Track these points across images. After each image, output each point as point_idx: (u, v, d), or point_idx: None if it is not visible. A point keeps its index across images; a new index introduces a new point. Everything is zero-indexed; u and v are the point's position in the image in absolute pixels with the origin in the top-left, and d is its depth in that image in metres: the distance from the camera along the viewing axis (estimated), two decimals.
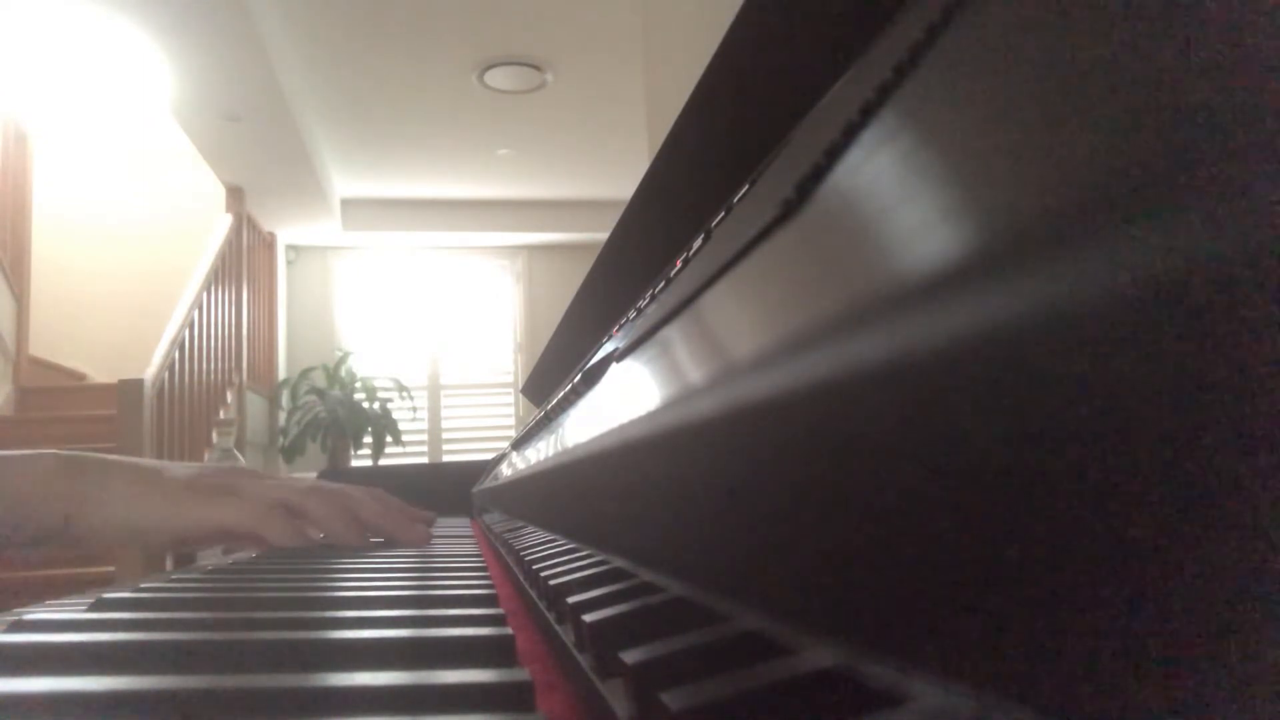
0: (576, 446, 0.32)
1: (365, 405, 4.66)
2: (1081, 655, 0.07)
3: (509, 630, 0.26)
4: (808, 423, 0.12)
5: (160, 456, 3.15)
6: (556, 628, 0.25)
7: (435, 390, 5.34)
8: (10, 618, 0.30)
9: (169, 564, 2.10)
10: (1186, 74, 0.08)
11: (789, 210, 0.20)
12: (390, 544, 0.66)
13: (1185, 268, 0.06)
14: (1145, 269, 0.06)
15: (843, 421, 0.11)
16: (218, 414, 3.77)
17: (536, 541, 0.46)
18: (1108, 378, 0.07)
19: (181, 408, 3.43)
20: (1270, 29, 0.07)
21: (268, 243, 4.79)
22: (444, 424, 5.34)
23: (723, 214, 0.35)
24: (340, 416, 4.51)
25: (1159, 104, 0.08)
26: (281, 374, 4.89)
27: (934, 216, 0.11)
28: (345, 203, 4.90)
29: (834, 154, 0.19)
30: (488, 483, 1.07)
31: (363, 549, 0.63)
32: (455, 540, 0.75)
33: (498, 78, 3.67)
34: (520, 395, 4.88)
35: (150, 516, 0.58)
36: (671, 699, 0.13)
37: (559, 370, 1.03)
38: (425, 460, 5.09)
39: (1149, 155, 0.07)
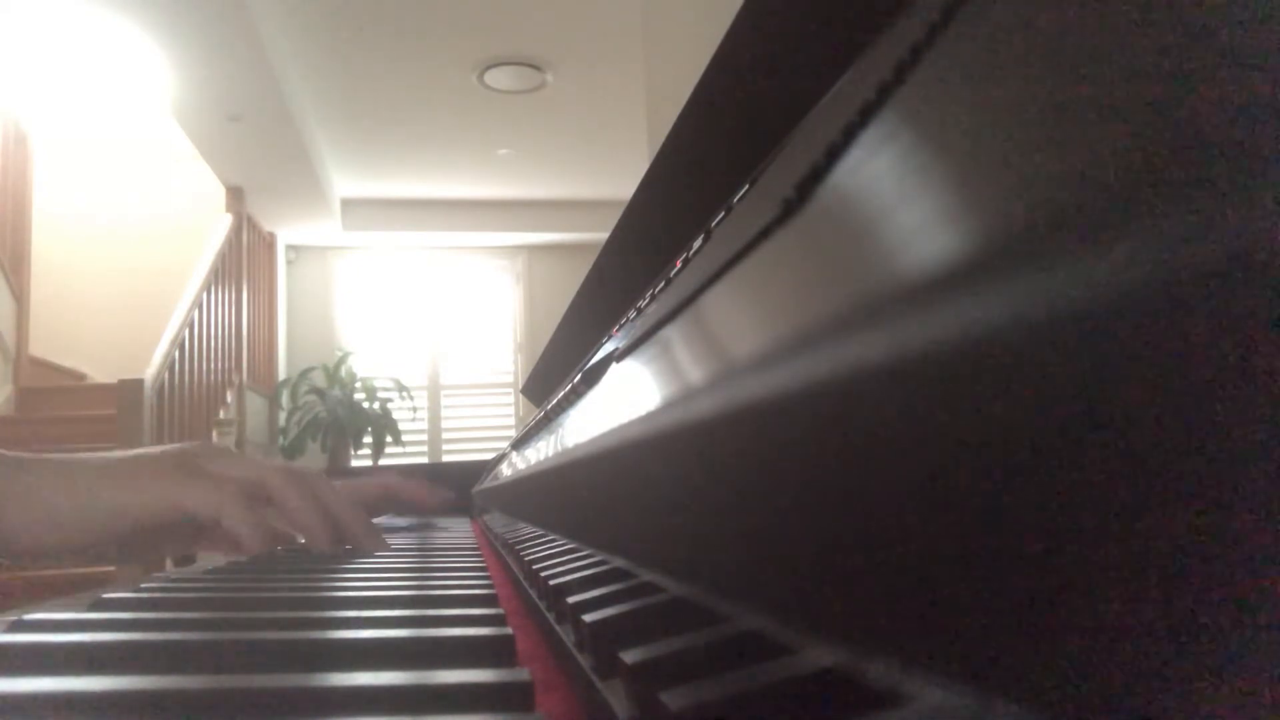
0: (576, 446, 0.32)
1: (365, 405, 4.66)
2: (1081, 655, 0.07)
3: (509, 630, 0.26)
4: (808, 422, 0.12)
5: None
6: (556, 628, 0.25)
7: (435, 390, 5.34)
8: (10, 618, 0.30)
9: (168, 564, 2.10)
10: (1186, 74, 0.08)
11: (789, 210, 0.20)
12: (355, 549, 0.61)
13: (1186, 267, 0.06)
14: (1145, 268, 0.06)
15: (843, 421, 0.11)
16: (218, 414, 3.77)
17: (536, 541, 0.46)
18: (1108, 377, 0.07)
19: (181, 408, 3.43)
20: (1269, 29, 0.07)
21: (268, 243, 4.79)
22: (444, 424, 5.34)
23: (723, 214, 0.35)
24: (340, 416, 4.51)
25: (1158, 104, 0.08)
26: (281, 374, 4.89)
27: (934, 216, 0.11)
28: (345, 203, 4.90)
29: (834, 154, 0.19)
30: (488, 483, 1.07)
31: (332, 553, 0.57)
32: (455, 540, 0.75)
33: (498, 78, 3.67)
34: (520, 395, 4.89)
35: (84, 504, 0.49)
36: (671, 699, 0.13)
37: (559, 370, 1.03)
38: (425, 460, 5.09)
39: (1148, 155, 0.07)
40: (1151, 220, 0.07)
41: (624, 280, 0.64)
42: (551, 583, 0.28)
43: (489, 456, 1.74)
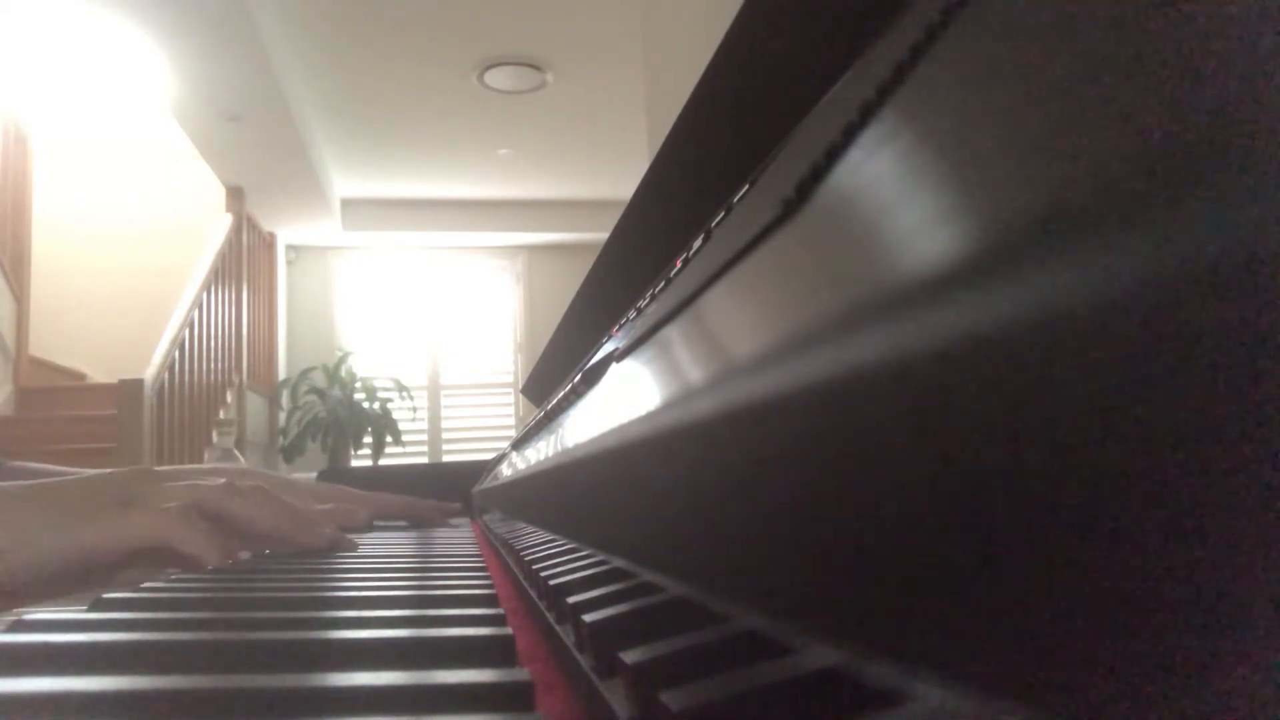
0: (576, 446, 0.32)
1: (365, 405, 4.66)
2: (1081, 655, 0.07)
3: (509, 630, 0.26)
4: (808, 422, 0.12)
5: (160, 456, 3.15)
6: (556, 628, 0.25)
7: (435, 390, 5.34)
8: (10, 618, 0.30)
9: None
10: (1186, 74, 0.08)
11: (789, 210, 0.20)
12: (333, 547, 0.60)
13: (1185, 268, 0.06)
14: (1144, 269, 0.06)
15: (843, 421, 0.11)
16: (218, 414, 3.77)
17: (536, 541, 0.46)
18: (1108, 377, 0.07)
19: (181, 408, 3.43)
20: (1269, 29, 0.07)
21: (268, 243, 4.79)
22: (444, 424, 5.34)
23: (723, 214, 0.35)
24: (340, 416, 4.51)
25: (1158, 104, 0.08)
26: (281, 374, 4.89)
27: (933, 217, 0.11)
28: (345, 203, 4.90)
29: (834, 154, 0.19)
30: (488, 483, 1.07)
31: (311, 546, 0.57)
32: (455, 540, 0.75)
33: (498, 78, 3.67)
34: (520, 395, 4.89)
35: (19, 555, 0.45)
36: (671, 699, 0.13)
37: (559, 370, 1.03)
38: (425, 460, 5.09)
39: (1148, 155, 0.07)
40: (1151, 221, 0.07)
41: (624, 280, 0.64)
42: (551, 583, 0.28)
43: (489, 456, 1.74)
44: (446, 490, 1.35)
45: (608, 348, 0.51)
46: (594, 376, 0.47)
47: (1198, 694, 0.06)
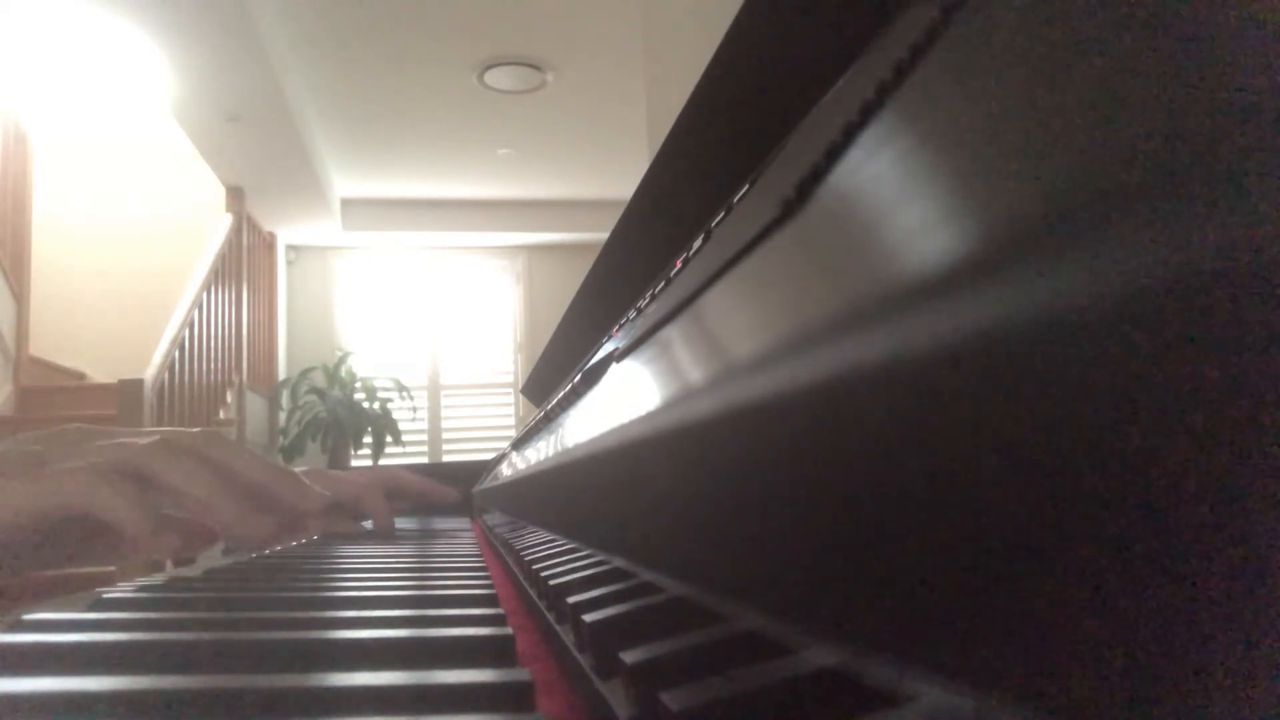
0: (576, 446, 0.32)
1: (365, 405, 4.67)
2: (1082, 655, 0.07)
3: (509, 630, 0.26)
4: (807, 423, 0.12)
5: None
6: (556, 628, 0.25)
7: (435, 390, 5.34)
8: (11, 618, 0.30)
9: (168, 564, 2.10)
10: (1184, 74, 0.08)
11: (789, 210, 0.20)
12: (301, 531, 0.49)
13: (1183, 268, 0.06)
14: (1143, 269, 0.06)
15: (842, 421, 0.11)
16: (218, 414, 3.77)
17: (536, 541, 0.46)
18: (1107, 377, 0.07)
19: (181, 408, 3.43)
20: (1268, 29, 0.07)
21: (268, 243, 4.79)
22: (444, 424, 5.34)
23: (723, 214, 0.35)
24: (340, 416, 4.51)
25: (1157, 104, 0.08)
26: (281, 374, 4.89)
27: (933, 217, 0.11)
28: (345, 203, 4.90)
29: (834, 154, 0.19)
30: (488, 483, 1.07)
31: (252, 540, 0.46)
32: (455, 540, 0.75)
33: (498, 78, 3.67)
34: (520, 395, 4.89)
35: None
36: (671, 699, 0.13)
37: (559, 370, 1.03)
38: (425, 460, 5.09)
39: (1147, 155, 0.07)
40: (1149, 221, 0.07)
41: (624, 280, 0.64)
42: (552, 583, 0.28)
43: (489, 456, 1.74)
44: None
45: (608, 348, 0.51)
46: (594, 377, 0.47)
47: (1197, 694, 0.06)
